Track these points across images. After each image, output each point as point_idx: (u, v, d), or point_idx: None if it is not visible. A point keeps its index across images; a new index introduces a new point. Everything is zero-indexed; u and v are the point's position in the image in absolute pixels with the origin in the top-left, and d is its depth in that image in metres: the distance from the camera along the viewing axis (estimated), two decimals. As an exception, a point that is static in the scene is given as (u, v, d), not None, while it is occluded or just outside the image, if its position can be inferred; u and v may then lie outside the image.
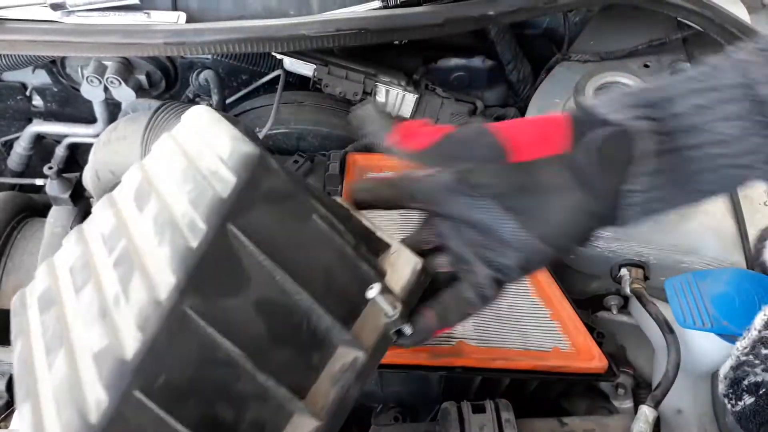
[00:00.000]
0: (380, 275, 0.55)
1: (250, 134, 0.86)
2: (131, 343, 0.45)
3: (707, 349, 0.77)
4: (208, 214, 0.47)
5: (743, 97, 0.47)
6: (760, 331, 0.67)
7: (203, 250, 0.46)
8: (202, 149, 0.52)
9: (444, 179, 0.54)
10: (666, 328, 0.79)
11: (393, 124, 0.53)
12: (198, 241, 0.46)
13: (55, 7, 0.85)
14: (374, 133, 0.54)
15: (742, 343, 0.69)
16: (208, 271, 0.47)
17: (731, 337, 0.74)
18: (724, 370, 0.73)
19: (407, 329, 0.54)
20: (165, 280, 0.46)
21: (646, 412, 0.74)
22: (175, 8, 0.90)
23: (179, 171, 0.52)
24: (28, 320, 0.57)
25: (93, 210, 0.61)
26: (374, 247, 0.57)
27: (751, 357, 0.68)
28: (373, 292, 0.52)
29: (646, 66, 1.03)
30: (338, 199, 0.64)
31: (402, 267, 0.56)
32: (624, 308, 0.91)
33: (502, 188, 0.51)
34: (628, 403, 0.91)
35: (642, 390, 0.91)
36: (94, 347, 0.47)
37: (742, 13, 0.94)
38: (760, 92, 0.46)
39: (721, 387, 0.72)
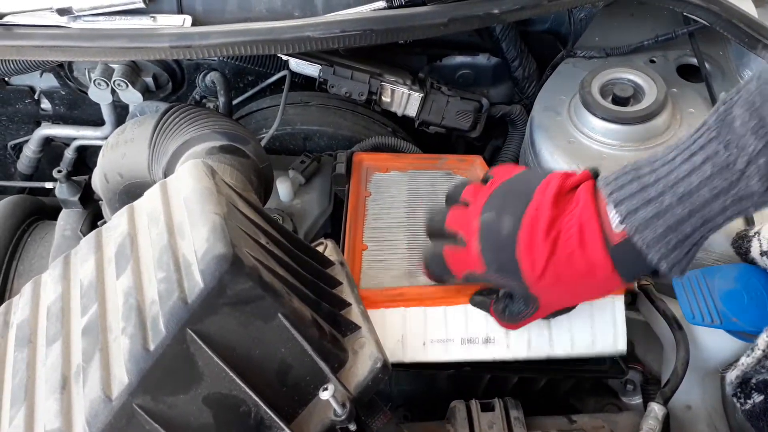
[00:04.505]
0: (341, 363, 0.58)
1: (250, 139, 0.86)
2: None
3: (716, 345, 0.77)
4: (170, 318, 0.49)
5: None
6: (764, 350, 0.67)
7: (159, 354, 0.49)
8: (185, 228, 0.54)
9: None
10: (675, 324, 0.78)
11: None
12: (155, 345, 0.49)
13: (61, 12, 0.86)
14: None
15: (747, 360, 0.69)
16: (161, 373, 0.50)
17: (740, 334, 0.73)
18: (730, 378, 0.72)
19: (353, 427, 0.56)
20: (119, 376, 0.49)
21: (656, 408, 0.74)
22: (180, 11, 0.90)
23: (158, 248, 0.55)
24: (5, 348, 0.60)
25: (81, 243, 0.63)
26: (343, 328, 0.60)
27: (757, 367, 0.69)
28: (326, 394, 0.54)
29: (653, 61, 1.03)
30: (329, 250, 0.69)
31: (363, 360, 0.58)
32: (632, 305, 0.90)
33: None
34: (637, 400, 0.91)
35: (651, 386, 0.91)
36: (47, 425, 0.50)
37: (749, 8, 0.94)
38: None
39: (729, 389, 0.72)
